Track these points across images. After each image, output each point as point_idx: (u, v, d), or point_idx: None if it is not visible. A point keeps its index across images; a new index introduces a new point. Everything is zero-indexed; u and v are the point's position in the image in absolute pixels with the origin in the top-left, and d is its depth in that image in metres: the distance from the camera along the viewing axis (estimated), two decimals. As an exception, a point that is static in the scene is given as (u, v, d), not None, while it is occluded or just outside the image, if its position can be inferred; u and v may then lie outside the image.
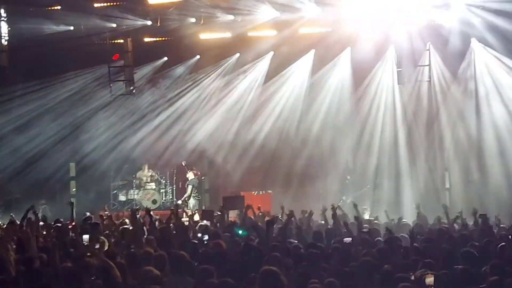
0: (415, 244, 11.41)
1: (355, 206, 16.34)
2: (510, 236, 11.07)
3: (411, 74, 24.80)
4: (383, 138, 25.45)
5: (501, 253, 10.48)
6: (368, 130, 25.73)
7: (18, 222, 14.61)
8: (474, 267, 9.17)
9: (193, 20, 23.72)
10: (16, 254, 10.58)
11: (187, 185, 25.90)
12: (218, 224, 15.46)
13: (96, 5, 22.46)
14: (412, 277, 8.81)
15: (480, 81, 24.37)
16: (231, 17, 23.46)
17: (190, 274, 9.18)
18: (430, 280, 8.18)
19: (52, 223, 15.86)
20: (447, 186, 24.67)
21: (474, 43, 24.06)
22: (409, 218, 18.17)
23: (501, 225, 14.99)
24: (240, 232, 12.07)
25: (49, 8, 22.50)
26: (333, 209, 15.19)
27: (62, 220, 16.08)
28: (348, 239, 11.54)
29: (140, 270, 9.15)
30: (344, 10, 22.94)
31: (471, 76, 24.49)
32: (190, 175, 25.87)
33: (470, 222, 15.07)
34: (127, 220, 16.26)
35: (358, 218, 13.95)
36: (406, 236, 12.31)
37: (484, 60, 24.18)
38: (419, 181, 24.32)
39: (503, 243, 10.86)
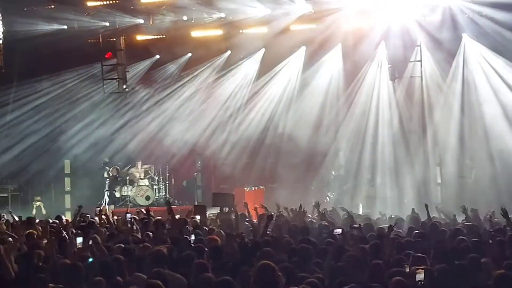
0: (408, 238, 11.60)
1: (343, 209, 16.52)
2: (492, 232, 11.16)
3: (403, 70, 24.89)
4: (375, 134, 25.54)
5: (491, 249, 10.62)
6: (360, 126, 25.80)
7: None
8: (466, 262, 9.30)
9: (184, 18, 23.80)
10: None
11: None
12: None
13: (89, 4, 22.55)
14: (407, 270, 8.92)
15: (472, 76, 24.44)
16: (222, 14, 23.56)
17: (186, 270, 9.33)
18: (420, 276, 8.16)
19: (50, 220, 15.96)
20: (439, 181, 24.83)
21: (465, 38, 24.18)
22: (401, 213, 18.37)
23: (495, 219, 15.10)
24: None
25: (43, 7, 22.55)
26: (316, 205, 15.46)
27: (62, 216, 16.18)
28: (338, 231, 11.66)
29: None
30: (335, 7, 23.08)
31: (463, 71, 24.56)
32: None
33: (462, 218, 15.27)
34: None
35: (350, 217, 14.22)
36: (400, 231, 12.53)
37: (475, 55, 24.18)
38: (412, 177, 24.44)
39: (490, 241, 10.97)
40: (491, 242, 10.97)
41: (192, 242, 11.56)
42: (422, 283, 8.12)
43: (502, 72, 23.72)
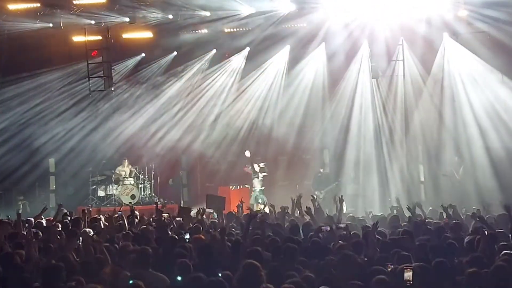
0: (392, 237, 11.68)
1: (341, 200, 16.60)
2: (486, 231, 11.22)
3: (385, 69, 25.06)
4: (358, 132, 25.68)
5: (476, 246, 10.70)
6: (343, 124, 25.96)
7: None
8: (448, 260, 9.38)
9: (170, 16, 23.83)
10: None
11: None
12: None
13: (74, 2, 22.52)
14: (389, 269, 8.94)
15: (453, 75, 24.66)
16: (207, 13, 23.60)
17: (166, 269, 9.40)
18: (408, 274, 8.14)
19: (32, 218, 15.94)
20: (422, 179, 25.00)
21: (446, 37, 24.36)
22: (385, 212, 18.49)
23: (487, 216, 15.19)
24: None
25: (29, 6, 22.49)
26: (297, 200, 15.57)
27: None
28: (326, 227, 11.70)
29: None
30: (318, 6, 23.21)
31: (444, 70, 24.76)
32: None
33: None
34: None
35: (340, 213, 14.33)
36: (383, 229, 12.60)
37: (456, 54, 24.41)
38: (395, 175, 24.59)
39: (478, 236, 11.03)
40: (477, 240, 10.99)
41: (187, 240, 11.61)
42: (411, 282, 8.10)
43: (480, 72, 23.92)
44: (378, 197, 24.17)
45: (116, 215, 14.68)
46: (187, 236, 11.92)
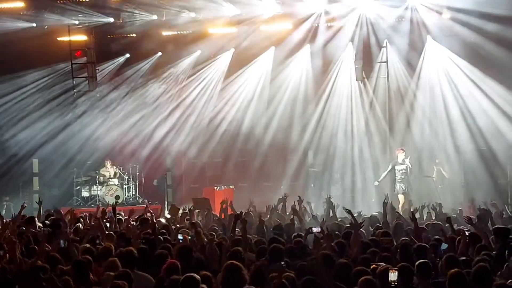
0: (373, 237, 11.74)
1: (328, 201, 16.70)
2: (467, 232, 11.30)
3: (369, 71, 25.16)
4: (342, 134, 25.79)
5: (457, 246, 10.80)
6: (328, 126, 26.04)
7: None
8: (429, 260, 9.44)
9: (155, 17, 23.84)
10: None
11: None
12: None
13: (58, 2, 22.46)
14: (372, 267, 8.92)
15: (435, 78, 24.84)
16: (192, 14, 23.61)
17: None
18: (393, 275, 8.06)
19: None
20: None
21: (429, 40, 24.50)
22: (368, 212, 18.56)
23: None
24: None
25: (12, 6, 22.40)
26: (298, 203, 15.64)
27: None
28: (317, 229, 11.74)
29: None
30: (303, 8, 23.30)
31: (427, 73, 24.93)
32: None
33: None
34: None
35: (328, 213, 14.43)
36: (363, 231, 12.66)
37: (439, 57, 24.59)
38: (378, 176, 24.66)
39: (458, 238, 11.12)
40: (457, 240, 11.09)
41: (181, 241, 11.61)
42: (396, 284, 8.04)
43: (463, 75, 24.13)
44: (361, 198, 24.30)
45: (107, 216, 14.70)
46: (180, 236, 11.91)
